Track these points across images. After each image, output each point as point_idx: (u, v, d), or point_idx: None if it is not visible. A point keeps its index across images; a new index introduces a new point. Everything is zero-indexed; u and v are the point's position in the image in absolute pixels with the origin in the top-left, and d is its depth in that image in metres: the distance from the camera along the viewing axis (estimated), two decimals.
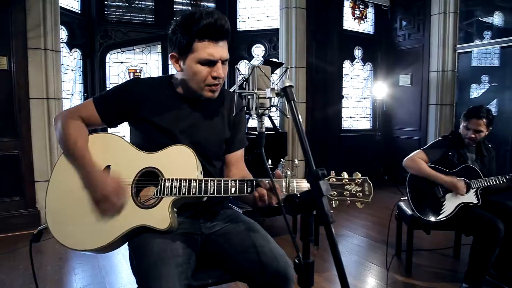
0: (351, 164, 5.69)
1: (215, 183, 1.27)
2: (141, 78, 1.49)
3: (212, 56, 1.29)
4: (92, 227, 1.28)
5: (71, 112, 1.40)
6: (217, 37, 1.30)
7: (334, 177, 1.29)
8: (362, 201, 1.28)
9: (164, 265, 1.18)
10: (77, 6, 4.66)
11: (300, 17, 5.07)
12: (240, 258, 1.35)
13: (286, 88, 0.93)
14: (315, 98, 5.38)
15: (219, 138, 1.47)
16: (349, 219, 4.21)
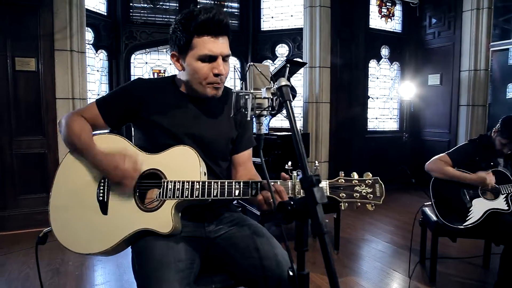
0: (376, 166, 5.53)
1: (219, 185, 1.23)
2: (144, 79, 1.47)
3: (211, 52, 1.27)
4: (95, 231, 1.27)
5: (74, 113, 1.40)
6: (216, 32, 1.27)
7: (343, 178, 1.24)
8: (373, 203, 1.22)
9: (165, 270, 1.15)
10: (103, 9, 4.76)
11: (325, 15, 4.97)
12: (244, 263, 1.31)
13: (281, 87, 0.87)
14: (340, 99, 5.26)
15: (224, 138, 1.44)
16: (372, 223, 4.08)
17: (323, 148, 5.16)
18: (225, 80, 1.36)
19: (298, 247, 0.78)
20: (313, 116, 5.13)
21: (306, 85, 5.17)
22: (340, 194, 1.22)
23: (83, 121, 1.38)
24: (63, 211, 1.30)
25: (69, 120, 1.37)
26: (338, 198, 1.21)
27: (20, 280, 2.62)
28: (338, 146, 5.28)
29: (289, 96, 0.88)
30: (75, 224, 1.29)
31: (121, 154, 1.26)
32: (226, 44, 1.31)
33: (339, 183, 1.23)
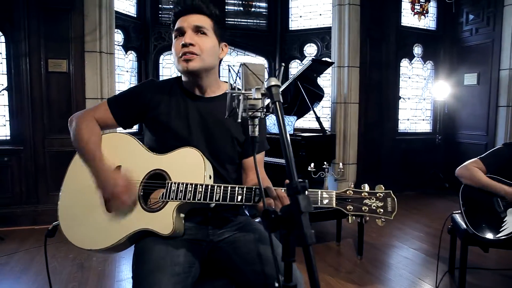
0: (407, 169, 5.34)
1: (222, 189, 1.20)
2: (155, 80, 1.48)
3: (180, 25, 1.33)
4: (99, 228, 1.28)
5: (86, 113, 1.41)
6: (187, 11, 1.33)
7: (352, 190, 1.16)
8: (383, 218, 1.15)
9: (159, 274, 1.14)
10: (133, 11, 4.88)
11: (354, 14, 4.84)
12: (246, 269, 1.28)
13: (271, 87, 0.83)
14: (369, 99, 5.11)
15: (231, 140, 1.40)
16: (401, 228, 3.93)
17: (351, 150, 5.03)
18: (202, 55, 1.31)
19: (285, 257, 0.73)
20: (341, 117, 5.01)
21: (334, 85, 5.06)
22: (347, 207, 1.15)
23: (93, 123, 1.38)
24: (70, 209, 1.33)
25: (79, 122, 1.38)
26: (345, 211, 1.15)
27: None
28: (366, 147, 5.13)
29: (279, 97, 0.83)
30: (80, 221, 1.31)
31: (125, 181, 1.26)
32: (200, 19, 1.33)
33: (346, 195, 1.16)
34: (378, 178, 5.20)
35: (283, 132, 0.78)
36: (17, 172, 3.65)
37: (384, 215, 1.15)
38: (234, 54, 5.78)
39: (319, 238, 3.61)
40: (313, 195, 1.15)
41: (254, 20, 5.78)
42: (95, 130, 1.38)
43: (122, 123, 1.42)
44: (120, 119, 1.41)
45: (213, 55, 1.35)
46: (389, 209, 1.15)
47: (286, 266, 0.75)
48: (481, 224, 2.25)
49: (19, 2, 3.53)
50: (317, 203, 1.14)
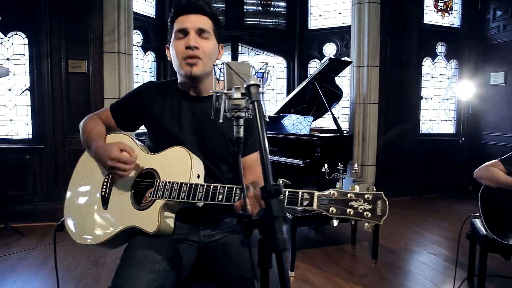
0: (428, 170, 5.18)
1: (204, 189, 1.18)
2: (153, 82, 1.52)
3: (182, 25, 1.30)
4: (94, 224, 1.32)
5: (93, 114, 1.51)
6: (189, 10, 1.31)
7: (336, 190, 1.06)
8: (371, 222, 1.03)
9: (136, 269, 1.15)
10: (152, 12, 4.94)
11: (373, 12, 4.73)
12: (233, 273, 1.26)
13: (249, 87, 0.80)
14: (389, 99, 4.99)
15: (225, 140, 1.39)
16: (419, 232, 3.81)
17: (370, 151, 4.92)
18: (204, 59, 1.30)
19: (261, 263, 0.70)
20: (360, 117, 4.91)
21: (353, 85, 4.97)
22: (330, 209, 1.04)
23: (97, 121, 1.47)
24: (74, 205, 1.39)
25: (86, 120, 1.48)
26: (327, 213, 1.04)
27: (63, 268, 2.79)
28: (386, 148, 5.01)
29: (258, 97, 0.80)
30: (80, 217, 1.36)
31: (119, 144, 1.31)
32: (203, 21, 1.31)
33: (330, 196, 1.05)
34: (398, 180, 5.08)
35: (260, 133, 0.76)
36: (38, 170, 3.77)
37: (372, 219, 1.02)
38: (252, 54, 5.77)
39: (334, 240, 3.55)
40: (294, 195, 1.08)
41: (272, 19, 5.75)
42: (98, 125, 1.46)
43: (122, 126, 1.48)
44: (120, 122, 1.47)
45: (213, 58, 1.35)
46: (378, 212, 1.02)
47: (262, 272, 0.72)
48: (502, 229, 2.14)
49: (41, 5, 3.64)
50: (297, 204, 1.07)
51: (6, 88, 3.78)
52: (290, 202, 1.08)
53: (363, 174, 4.97)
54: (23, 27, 3.73)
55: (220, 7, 5.49)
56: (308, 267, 2.94)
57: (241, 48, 5.68)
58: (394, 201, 4.91)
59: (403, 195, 5.04)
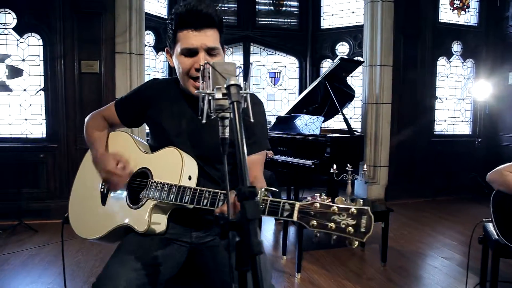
0: (443, 172, 5.07)
1: (191, 192, 1.18)
2: (157, 79, 1.48)
3: (191, 45, 1.22)
4: (93, 220, 1.35)
5: (96, 113, 1.51)
6: (197, 24, 1.21)
7: (320, 202, 0.99)
8: (353, 239, 0.94)
9: (119, 266, 1.16)
10: (165, 12, 4.99)
11: (387, 11, 4.66)
12: (215, 276, 1.26)
13: (229, 86, 0.79)
14: (403, 99, 4.90)
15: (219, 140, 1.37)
16: (432, 235, 3.72)
17: (383, 152, 4.85)
18: None
19: (238, 266, 0.68)
20: (373, 118, 4.85)
21: (366, 84, 4.90)
22: (310, 222, 0.98)
23: (99, 120, 1.48)
24: (77, 200, 1.44)
25: (89, 118, 1.49)
26: (308, 227, 0.98)
27: (72, 265, 2.84)
28: (399, 150, 4.93)
29: (237, 97, 0.79)
30: (82, 213, 1.40)
31: (115, 156, 1.30)
32: (211, 37, 1.24)
33: (312, 208, 0.99)
34: (412, 181, 4.99)
35: (238, 135, 0.75)
36: (51, 168, 3.85)
37: (355, 235, 0.94)
38: (264, 54, 5.76)
39: (343, 242, 3.50)
40: (275, 205, 1.04)
41: (285, 19, 5.73)
42: (100, 126, 1.47)
43: (126, 123, 1.48)
44: (123, 119, 1.46)
45: None
46: (362, 229, 0.94)
47: (240, 275, 0.70)
48: None
49: (55, 7, 3.72)
50: (277, 214, 1.03)
51: (22, 88, 3.87)
52: (271, 212, 1.04)
53: (375, 175, 4.91)
54: (38, 29, 3.82)
55: (232, 7, 5.50)
56: (315, 268, 2.91)
57: (253, 48, 5.68)
58: (407, 203, 4.83)
59: (417, 197, 4.95)
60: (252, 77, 5.71)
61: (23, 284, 2.58)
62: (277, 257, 3.15)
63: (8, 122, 3.91)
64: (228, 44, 5.54)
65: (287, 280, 2.74)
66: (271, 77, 5.83)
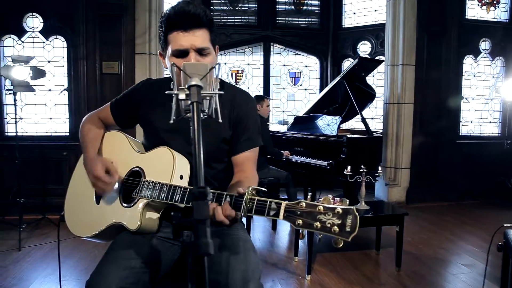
0: (469, 176, 4.87)
1: (181, 191, 1.18)
2: (151, 79, 1.50)
3: (181, 46, 1.22)
4: (87, 218, 1.37)
5: (93, 113, 1.52)
6: (186, 25, 1.22)
7: (305, 202, 1.00)
8: (338, 238, 0.95)
9: (110, 265, 1.18)
10: None
11: (409, 8, 4.53)
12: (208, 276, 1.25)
13: (190, 87, 0.79)
14: (426, 99, 4.75)
15: (215, 138, 1.37)
16: (453, 240, 3.59)
17: (405, 153, 4.72)
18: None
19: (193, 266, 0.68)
20: (394, 118, 4.73)
21: (387, 84, 4.79)
22: (296, 221, 0.99)
23: (95, 123, 1.49)
24: (72, 199, 1.47)
25: (84, 120, 1.51)
26: (294, 226, 1.00)
27: (88, 260, 2.94)
28: (422, 151, 4.78)
29: (197, 97, 0.79)
30: (76, 211, 1.43)
31: (105, 163, 1.32)
32: (201, 37, 1.24)
33: (297, 207, 1.00)
34: (435, 184, 4.82)
35: (195, 135, 0.75)
36: (74, 165, 3.93)
37: (340, 235, 0.94)
38: (285, 54, 5.73)
39: (358, 245, 3.44)
40: (261, 204, 1.04)
41: (305, 18, 5.69)
42: (94, 129, 1.48)
43: (120, 123, 1.49)
44: (118, 120, 1.48)
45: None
46: (347, 228, 0.94)
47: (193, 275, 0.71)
48: None
49: (78, 10, 3.87)
50: (264, 213, 1.03)
51: (47, 88, 4.04)
52: (257, 211, 1.04)
53: (396, 177, 4.78)
54: (62, 32, 3.97)
55: (253, 7, 5.51)
56: (326, 271, 2.87)
57: (273, 47, 5.67)
58: (429, 206, 4.68)
59: (440, 200, 4.78)
60: (272, 77, 5.72)
61: (41, 276, 2.70)
62: (289, 258, 3.13)
63: (34, 121, 4.10)
64: (248, 44, 5.57)
65: (297, 282, 2.72)
66: (292, 77, 5.80)
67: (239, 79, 5.63)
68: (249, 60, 5.64)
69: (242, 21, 5.52)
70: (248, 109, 1.41)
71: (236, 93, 1.42)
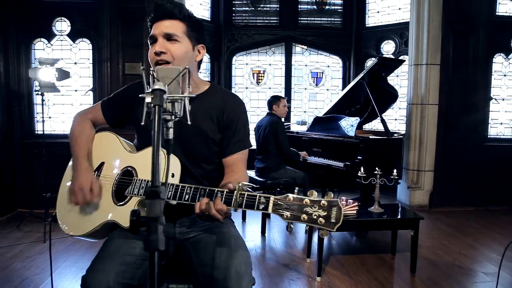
0: (498, 180, 4.66)
1: (173, 188, 1.22)
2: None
3: (153, 33, 1.33)
4: (79, 218, 1.40)
5: (84, 112, 1.55)
6: (160, 17, 1.33)
7: (293, 196, 1.06)
8: (324, 229, 1.02)
9: (107, 260, 1.22)
10: (207, 15, 5.15)
11: (435, 6, 4.39)
12: (198, 270, 1.29)
13: (153, 91, 0.82)
14: (451, 100, 4.58)
15: (204, 139, 1.40)
16: (476, 247, 3.43)
17: (428, 156, 4.58)
18: (175, 62, 1.30)
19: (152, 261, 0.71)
20: (417, 119, 4.60)
21: (410, 84, 4.66)
22: (284, 214, 1.05)
23: (86, 125, 1.51)
24: (63, 198, 1.47)
25: (75, 122, 1.52)
26: (282, 218, 1.06)
27: None
28: (447, 154, 4.62)
29: (158, 101, 0.82)
30: (68, 210, 1.43)
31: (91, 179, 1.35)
32: (171, 26, 1.33)
33: (286, 201, 1.06)
34: (461, 188, 4.65)
35: (155, 138, 0.78)
36: None
37: (326, 226, 1.02)
38: (307, 54, 5.71)
39: (373, 248, 3.38)
40: (251, 199, 1.09)
41: (328, 18, 5.63)
42: (85, 131, 1.50)
43: (111, 123, 1.53)
44: (109, 120, 1.52)
45: (186, 60, 1.34)
46: (332, 219, 1.02)
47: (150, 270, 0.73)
48: None
49: (103, 14, 4.03)
50: (253, 207, 1.08)
51: (73, 89, 4.23)
52: (247, 205, 1.10)
53: (419, 180, 4.65)
54: (89, 35, 4.15)
55: (274, 8, 5.52)
56: (338, 273, 2.84)
57: (294, 48, 5.65)
58: (453, 211, 4.51)
59: (466, 205, 4.61)
60: (294, 77, 5.70)
61: (62, 267, 2.83)
62: (301, 259, 3.12)
63: (62, 120, 4.30)
64: (270, 44, 5.58)
65: (307, 283, 2.71)
66: (313, 77, 5.76)
67: (260, 79, 5.66)
68: (271, 61, 5.65)
69: (264, 22, 5.54)
70: (238, 112, 1.44)
71: (227, 97, 1.46)
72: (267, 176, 3.84)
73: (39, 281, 2.62)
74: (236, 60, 5.54)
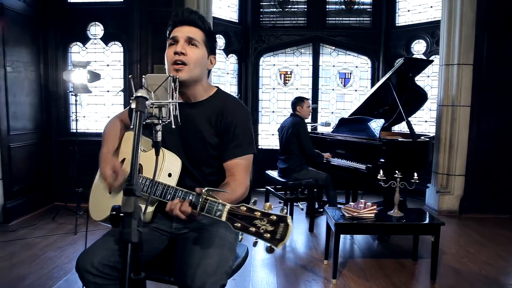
0: None
1: (162, 187, 1.30)
2: None
3: (174, 35, 1.43)
4: (100, 205, 1.54)
5: (117, 115, 1.72)
6: (182, 22, 1.44)
7: (246, 206, 1.05)
8: (269, 245, 0.99)
9: (99, 244, 1.34)
10: (235, 17, 5.23)
11: (468, 3, 4.21)
12: (177, 264, 1.37)
13: (136, 98, 0.88)
14: (484, 101, 4.38)
15: (202, 143, 1.47)
16: (505, 257, 3.26)
17: (459, 159, 4.42)
18: (191, 65, 1.41)
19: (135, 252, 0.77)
20: (448, 121, 4.44)
21: (441, 85, 4.50)
22: (234, 224, 1.05)
23: (116, 124, 1.66)
24: (95, 188, 1.64)
25: (109, 121, 1.70)
26: (232, 228, 1.05)
27: None
28: (479, 158, 4.42)
29: (140, 107, 0.87)
30: (96, 198, 1.59)
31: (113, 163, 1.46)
32: (193, 31, 1.43)
33: (239, 211, 1.05)
34: (494, 194, 4.44)
35: (135, 141, 0.84)
36: None
37: (270, 242, 0.99)
38: (334, 54, 5.65)
39: (394, 253, 3.32)
40: (211, 205, 1.11)
41: (356, 17, 5.55)
42: (114, 129, 1.65)
43: None
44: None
45: (200, 66, 1.44)
46: (277, 236, 0.98)
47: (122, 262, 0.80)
48: None
49: (134, 19, 4.21)
50: (211, 213, 1.10)
51: (105, 89, 4.45)
52: (208, 211, 1.12)
53: (448, 184, 4.49)
54: (120, 38, 4.35)
55: (302, 8, 5.51)
56: (354, 276, 2.82)
57: (322, 48, 5.62)
58: (485, 217, 4.32)
59: (499, 212, 4.39)
60: (321, 77, 5.67)
61: None
62: (320, 260, 3.12)
63: (95, 119, 4.53)
64: (297, 45, 5.59)
65: (322, 285, 2.71)
66: (341, 77, 5.70)
67: (287, 80, 5.67)
68: (298, 61, 5.65)
69: (292, 22, 5.55)
70: (237, 116, 1.49)
71: (228, 101, 1.52)
72: (289, 177, 3.86)
73: (68, 270, 2.80)
74: (263, 61, 5.58)
